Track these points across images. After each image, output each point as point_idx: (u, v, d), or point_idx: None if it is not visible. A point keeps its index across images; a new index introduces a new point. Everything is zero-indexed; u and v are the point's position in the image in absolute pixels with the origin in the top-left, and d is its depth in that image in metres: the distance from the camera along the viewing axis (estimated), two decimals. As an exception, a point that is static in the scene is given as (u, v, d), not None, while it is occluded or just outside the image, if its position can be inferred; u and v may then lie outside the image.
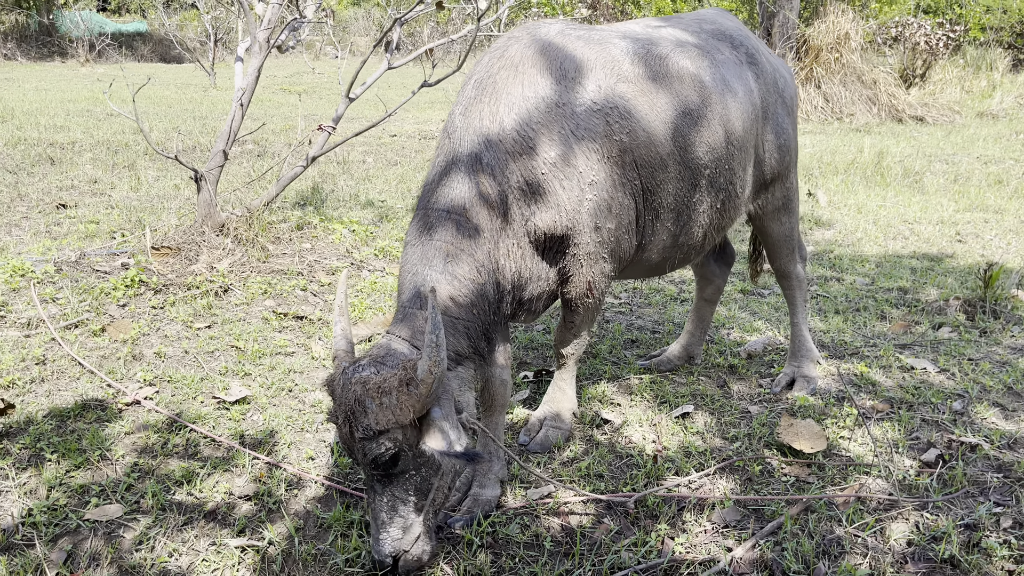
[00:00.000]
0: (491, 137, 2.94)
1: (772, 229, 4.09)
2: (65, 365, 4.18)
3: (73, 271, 5.38)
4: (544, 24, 3.29)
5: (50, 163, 9.55)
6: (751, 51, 3.74)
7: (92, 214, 7.18)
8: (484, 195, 2.89)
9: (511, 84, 3.02)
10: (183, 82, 22.46)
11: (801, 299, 4.29)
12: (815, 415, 3.84)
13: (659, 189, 3.28)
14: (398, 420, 2.46)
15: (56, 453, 3.37)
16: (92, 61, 28.36)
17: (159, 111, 15.03)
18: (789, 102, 3.93)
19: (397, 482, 2.57)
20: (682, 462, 3.44)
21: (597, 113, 3.07)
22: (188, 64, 28.29)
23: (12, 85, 18.97)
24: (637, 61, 3.27)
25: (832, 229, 7.79)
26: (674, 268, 3.75)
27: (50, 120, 12.86)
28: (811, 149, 12.34)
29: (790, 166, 3.97)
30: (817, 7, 17.91)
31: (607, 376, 4.32)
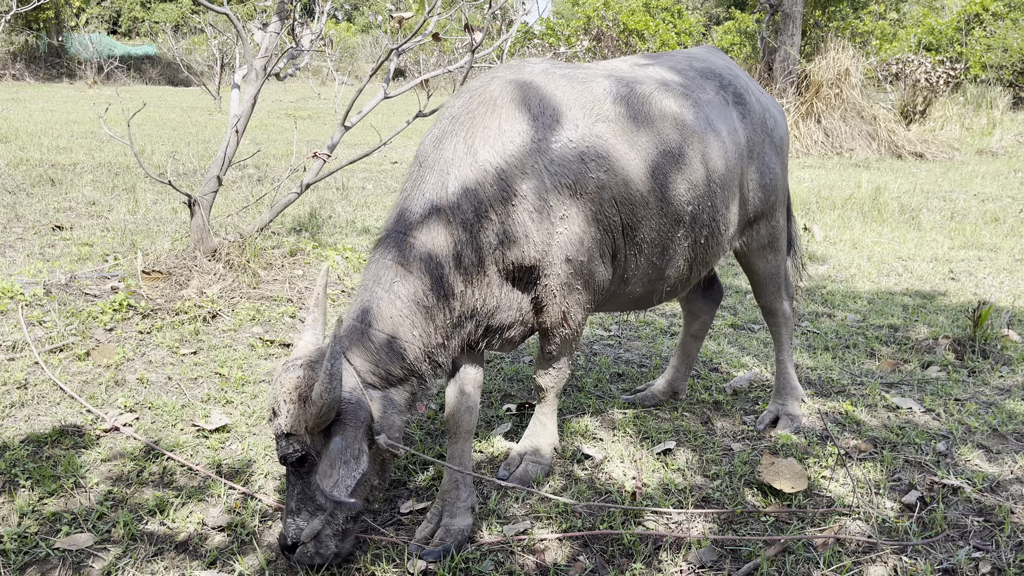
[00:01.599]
0: (462, 167, 2.98)
1: (758, 266, 4.10)
2: (46, 389, 4.17)
3: (62, 294, 5.39)
4: (528, 63, 3.33)
5: (50, 184, 9.61)
6: (739, 90, 3.75)
7: (87, 236, 7.21)
8: (446, 222, 2.93)
9: (488, 119, 3.06)
10: (189, 105, 22.67)
11: (787, 336, 4.28)
12: (797, 454, 3.81)
13: (640, 225, 3.30)
14: (295, 429, 2.65)
15: (30, 480, 3.35)
16: (100, 83, 28.65)
17: (163, 134, 15.16)
18: (778, 142, 3.94)
19: (306, 480, 2.73)
20: (661, 499, 3.41)
21: (573, 151, 3.10)
22: (195, 87, 28.58)
23: (19, 106, 19.15)
24: (619, 100, 3.30)
25: (826, 264, 7.79)
26: (660, 301, 3.76)
27: (53, 141, 12.97)
28: (809, 183, 12.39)
29: (776, 204, 3.97)
30: (818, 43, 18.12)
31: (591, 410, 4.30)
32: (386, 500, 3.37)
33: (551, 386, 3.54)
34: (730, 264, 7.73)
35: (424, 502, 3.35)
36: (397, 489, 3.46)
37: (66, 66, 31.70)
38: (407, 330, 2.88)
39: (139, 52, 34.90)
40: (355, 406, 2.77)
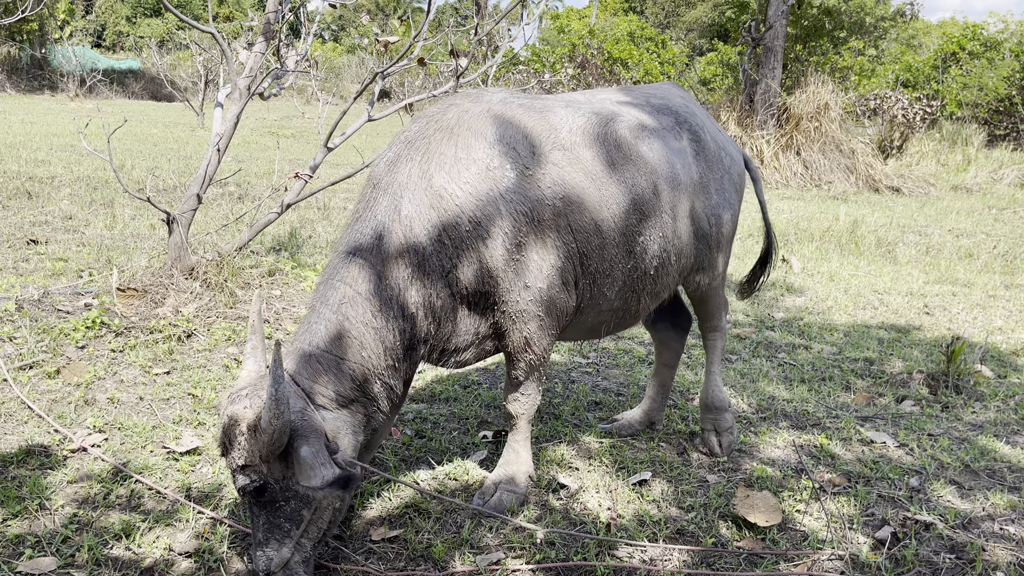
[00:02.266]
0: (416, 191, 3.02)
1: (710, 296, 4.15)
2: (14, 408, 4.09)
3: (34, 310, 5.31)
4: (487, 92, 3.38)
5: (27, 197, 9.50)
6: (694, 127, 3.81)
7: (62, 251, 7.12)
8: (397, 244, 2.96)
9: (444, 145, 3.10)
10: (172, 121, 22.57)
11: (721, 347, 4.33)
12: (772, 487, 3.81)
13: (593, 254, 3.34)
14: (249, 459, 2.63)
15: None
16: (82, 96, 28.48)
17: (144, 149, 15.06)
18: (736, 179, 4.00)
19: (269, 509, 2.71)
20: (635, 531, 3.39)
21: (530, 179, 3.14)
22: (178, 103, 28.45)
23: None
24: (576, 130, 3.35)
25: (803, 296, 7.86)
26: (609, 333, 3.80)
27: (32, 154, 12.84)
28: (788, 215, 12.53)
29: (731, 238, 4.06)
30: (799, 77, 18.40)
31: (567, 439, 4.28)
32: (359, 527, 3.32)
33: (521, 412, 3.52)
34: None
35: (396, 529, 3.31)
36: (369, 516, 3.42)
37: (48, 78, 31.50)
38: (356, 352, 2.90)
39: (123, 66, 34.77)
40: (308, 426, 2.75)
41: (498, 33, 9.99)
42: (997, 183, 17.55)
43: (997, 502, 3.74)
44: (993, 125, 24.76)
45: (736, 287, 4.82)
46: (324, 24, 50.66)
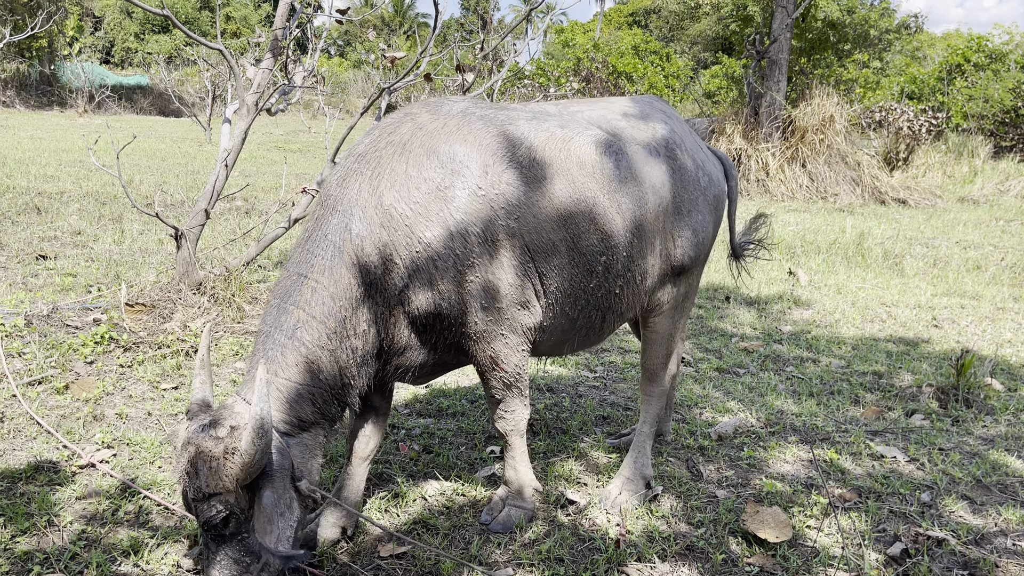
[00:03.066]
0: (367, 210, 2.92)
1: (658, 325, 3.83)
2: (23, 423, 4.10)
3: (43, 325, 5.32)
4: (447, 102, 3.25)
5: (36, 212, 9.55)
6: (670, 144, 3.62)
7: (71, 266, 7.16)
8: (348, 264, 2.88)
9: (395, 162, 3.00)
10: (179, 136, 22.71)
11: (655, 411, 3.90)
12: (782, 503, 3.79)
13: (553, 274, 3.22)
14: (222, 487, 2.54)
15: (3, 517, 3.27)
16: (91, 112, 28.69)
17: (152, 164, 15.15)
18: (713, 200, 3.79)
19: (230, 543, 2.62)
20: (645, 547, 3.37)
21: (482, 199, 3.02)
22: (186, 118, 28.66)
23: (7, 132, 19.12)
24: (535, 147, 3.21)
25: (811, 309, 7.83)
26: (573, 351, 3.67)
27: (41, 169, 12.92)
28: (795, 227, 12.52)
29: (701, 261, 3.85)
30: (804, 90, 18.42)
31: (575, 453, 4.27)
32: (367, 544, 3.31)
33: (510, 429, 3.43)
34: (715, 307, 7.77)
35: (404, 545, 3.30)
36: (377, 532, 3.41)
37: (57, 94, 31.75)
38: (314, 376, 2.83)
39: (131, 82, 35.03)
40: (277, 454, 2.71)
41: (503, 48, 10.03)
42: (1004, 195, 17.52)
43: (1010, 517, 3.71)
44: (999, 136, 24.74)
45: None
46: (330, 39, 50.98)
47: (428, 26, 58.87)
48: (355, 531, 3.38)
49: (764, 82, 17.96)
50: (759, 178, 17.28)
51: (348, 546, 3.29)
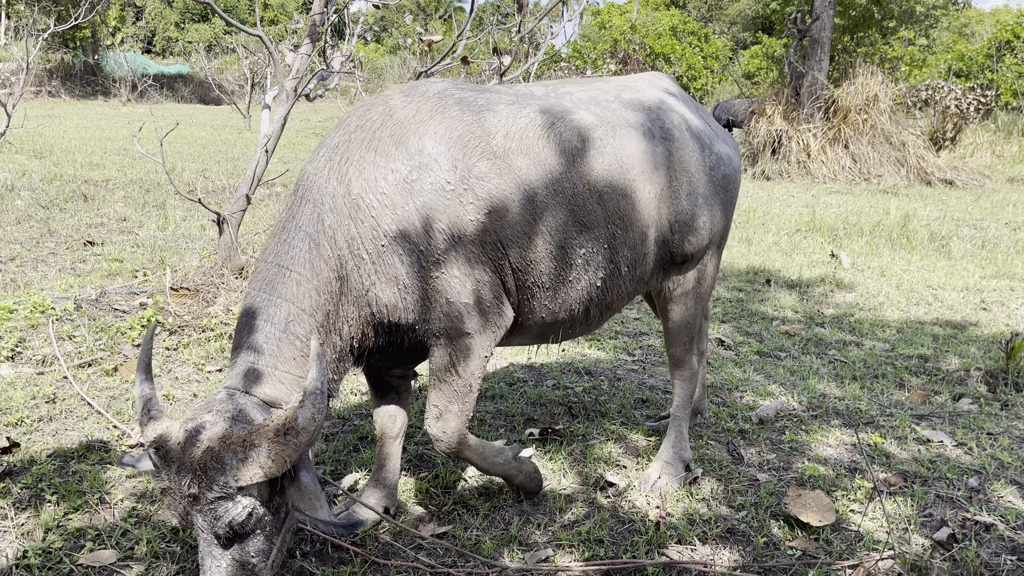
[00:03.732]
0: (336, 199, 2.81)
1: (674, 312, 3.73)
2: (74, 404, 4.21)
3: (92, 309, 5.45)
4: (423, 85, 3.11)
5: (83, 200, 9.77)
6: (667, 126, 3.42)
7: (117, 252, 7.31)
8: (325, 258, 2.78)
9: (364, 150, 2.87)
10: (220, 123, 23.01)
11: (687, 394, 3.87)
12: (825, 486, 3.75)
13: (530, 268, 3.07)
14: (267, 474, 2.35)
15: (56, 495, 3.37)
16: (133, 101, 29.18)
17: (193, 152, 15.38)
18: (720, 181, 3.60)
19: (240, 544, 2.45)
20: (685, 530, 3.36)
21: (449, 194, 2.87)
22: (225, 106, 29.01)
23: (54, 122, 19.54)
24: (511, 135, 3.04)
25: (853, 292, 7.70)
26: (560, 340, 3.49)
27: (87, 158, 13.20)
28: (837, 210, 12.30)
29: (709, 248, 3.65)
30: (846, 68, 18.02)
31: (614, 436, 4.26)
32: (409, 524, 3.35)
33: (454, 446, 3.13)
34: (755, 290, 7.68)
35: (444, 526, 3.33)
36: (418, 513, 3.44)
37: (101, 84, 32.34)
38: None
39: (172, 71, 35.56)
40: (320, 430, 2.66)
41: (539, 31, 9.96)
42: (1056, 174, 16.99)
43: (1061, 503, 3.63)
44: (1051, 115, 23.95)
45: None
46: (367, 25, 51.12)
47: (464, 10, 58.68)
48: (397, 510, 3.42)
49: (805, 61, 17.62)
50: (800, 160, 17.00)
51: (390, 525, 3.33)
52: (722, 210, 3.64)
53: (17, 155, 12.85)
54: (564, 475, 3.83)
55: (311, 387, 2.40)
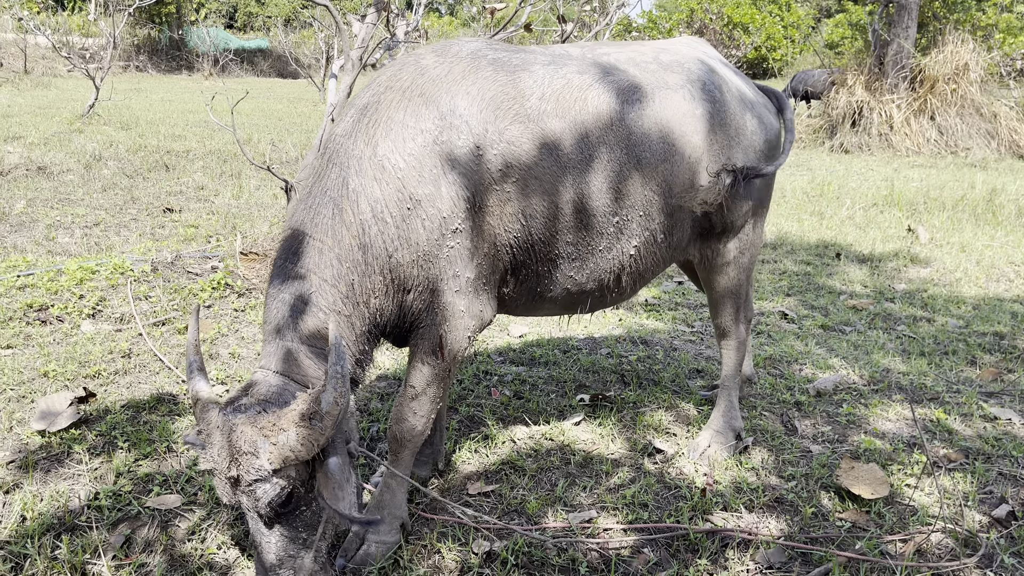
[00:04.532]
0: (362, 162, 2.69)
1: (717, 282, 3.62)
2: (147, 360, 4.43)
3: (167, 272, 5.70)
4: (457, 44, 2.99)
5: (164, 169, 10.16)
6: (708, 88, 3.28)
7: (194, 218, 7.60)
8: (348, 223, 2.66)
9: (394, 110, 2.75)
10: (296, 96, 23.51)
11: (736, 362, 3.80)
12: (880, 460, 3.67)
13: (555, 239, 2.95)
14: (297, 457, 2.33)
15: (127, 442, 3.57)
16: (215, 75, 30.02)
17: (269, 124, 15.78)
18: (764, 146, 3.44)
19: (286, 521, 2.44)
20: (732, 498, 3.35)
21: (477, 159, 2.75)
22: (302, 79, 29.59)
23: (140, 95, 20.31)
24: (547, 97, 2.91)
25: (929, 267, 7.42)
26: (589, 311, 3.39)
27: (170, 129, 13.70)
28: (918, 183, 11.84)
29: (748, 217, 3.51)
30: (935, 36, 17.20)
31: (666, 404, 4.25)
32: (456, 481, 3.43)
33: (408, 439, 2.96)
34: (824, 264, 7.48)
35: (492, 484, 3.40)
36: (466, 471, 3.52)
37: (185, 58, 33.38)
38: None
39: (252, 46, 36.40)
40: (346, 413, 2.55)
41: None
42: None
43: None
44: None
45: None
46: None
47: (538, -18, 58.01)
48: (446, 466, 3.51)
49: (891, 29, 16.87)
50: (882, 132, 16.36)
51: (439, 482, 3.42)
52: (764, 178, 3.50)
53: (105, 127, 13.42)
54: (612, 440, 3.85)
55: (331, 371, 2.34)
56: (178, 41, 34.09)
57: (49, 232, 6.78)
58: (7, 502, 3.11)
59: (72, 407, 3.72)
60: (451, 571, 2.86)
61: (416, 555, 2.93)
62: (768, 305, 6.18)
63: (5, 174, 8.94)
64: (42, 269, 5.56)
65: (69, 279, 5.35)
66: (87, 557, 2.81)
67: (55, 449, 3.49)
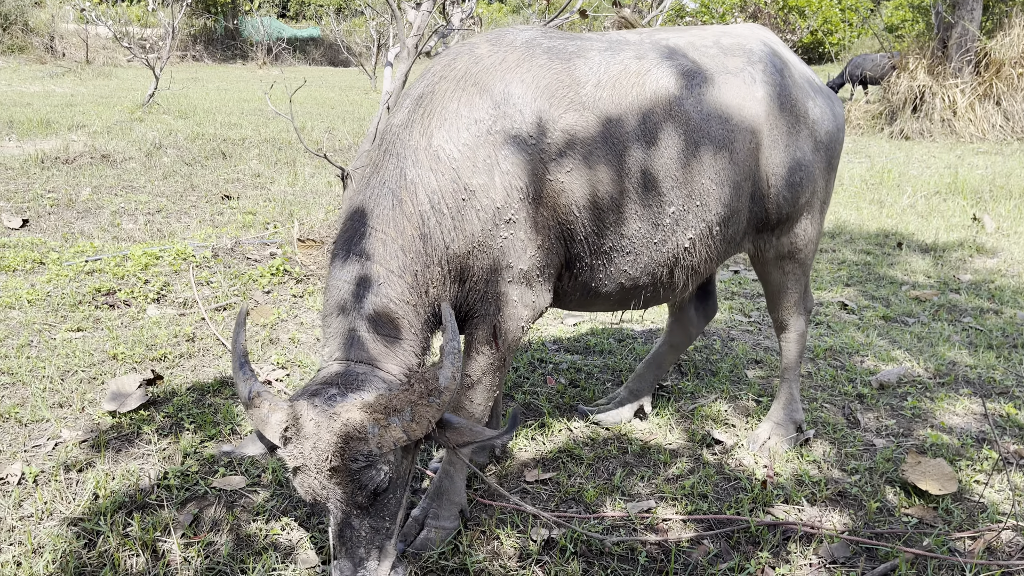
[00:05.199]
0: (418, 152, 2.68)
1: (772, 276, 3.54)
2: (210, 344, 4.54)
3: (228, 257, 5.82)
4: (511, 32, 2.94)
5: (222, 157, 10.35)
6: (770, 71, 3.19)
7: (251, 205, 7.74)
8: (407, 214, 2.65)
9: (448, 99, 2.73)
10: (347, 85, 23.73)
11: (796, 354, 3.70)
12: (948, 455, 3.58)
13: (608, 231, 2.90)
14: (411, 437, 2.32)
15: (194, 424, 3.66)
16: (268, 64, 30.45)
17: (322, 112, 15.96)
18: (822, 137, 3.33)
19: (374, 510, 2.40)
20: (793, 490, 3.30)
21: (532, 148, 2.72)
22: (353, 68, 29.84)
23: (197, 84, 20.70)
24: (603, 84, 2.85)
25: (996, 258, 7.19)
26: (640, 308, 3.31)
27: (226, 118, 13.94)
28: (983, 171, 11.47)
29: (806, 209, 3.38)
30: (1001, 19, 16.59)
31: (724, 395, 4.20)
32: (514, 469, 3.44)
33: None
34: (885, 253, 7.31)
35: (549, 472, 3.40)
36: (524, 458, 3.53)
37: (239, 48, 33.93)
38: (407, 331, 2.63)
39: (304, 34, 36.82)
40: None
41: (664, -17, 9.69)
42: None
43: None
44: None
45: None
46: (490, -15, 51.04)
47: (588, -33, 57.50)
48: (503, 453, 3.52)
49: (955, 11, 16.33)
50: (944, 117, 15.87)
51: (497, 468, 3.44)
52: (823, 169, 3.39)
53: (165, 115, 13.73)
54: (670, 430, 3.82)
55: (449, 347, 2.39)
56: (233, 30, 34.65)
57: (114, 218, 6.97)
58: (80, 480, 3.22)
59: (141, 389, 3.82)
60: (510, 557, 2.87)
61: (475, 541, 2.95)
62: (827, 295, 6.06)
63: (71, 162, 9.21)
64: (109, 254, 5.72)
65: (135, 264, 5.50)
66: (157, 534, 2.89)
67: (125, 430, 3.60)
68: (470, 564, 2.80)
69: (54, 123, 11.78)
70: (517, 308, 2.84)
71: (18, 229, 6.45)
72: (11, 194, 7.45)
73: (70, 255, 5.74)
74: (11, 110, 12.96)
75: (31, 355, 4.24)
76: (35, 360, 4.18)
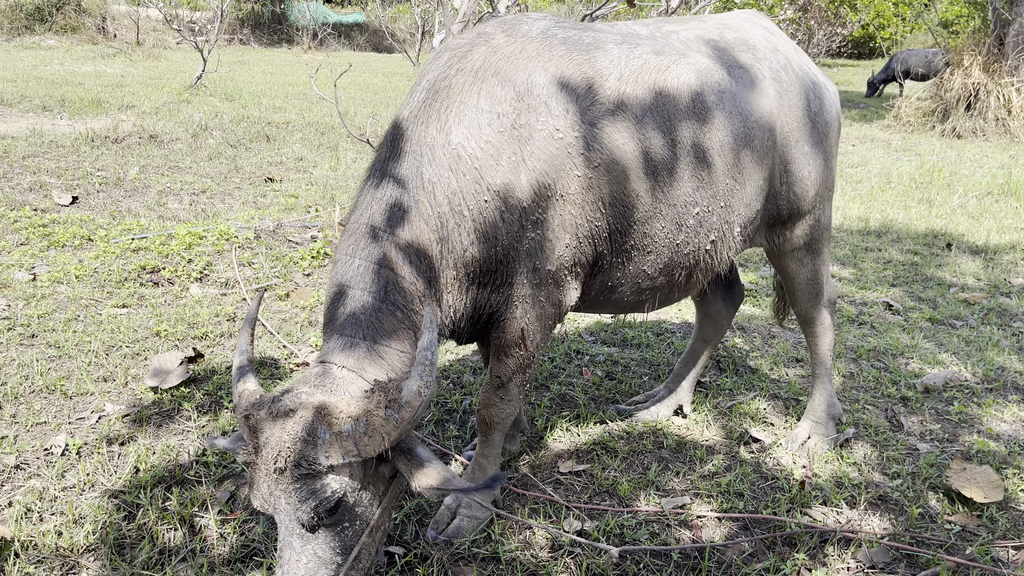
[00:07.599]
0: (435, 150, 2.51)
1: (791, 269, 3.48)
2: (251, 324, 4.59)
3: (269, 239, 5.88)
4: (526, 21, 2.79)
5: (266, 140, 10.46)
6: (775, 65, 3.14)
7: (293, 189, 7.81)
8: (425, 217, 2.48)
9: (466, 93, 2.57)
10: (391, 71, 23.82)
11: (826, 347, 3.65)
12: (995, 463, 3.48)
13: (632, 230, 2.79)
14: (361, 452, 2.08)
15: (232, 403, 3.71)
16: (314, 48, 30.69)
17: (365, 97, 16.04)
18: (823, 127, 3.28)
19: (321, 536, 2.15)
20: (832, 492, 3.24)
21: (558, 143, 2.59)
22: (397, 54, 29.94)
23: (243, 68, 20.94)
24: (627, 77, 2.75)
25: (1050, 261, 6.98)
26: (654, 308, 3.21)
27: (271, 101, 14.08)
28: (1038, 171, 11.12)
29: (818, 200, 3.33)
30: (1063, 14, 16.04)
31: (763, 393, 4.14)
32: (547, 459, 3.43)
33: (497, 421, 2.93)
34: (933, 254, 7.13)
35: (583, 464, 3.38)
36: (558, 449, 3.52)
37: (286, 32, 34.24)
38: (413, 343, 2.45)
39: (349, 20, 37.01)
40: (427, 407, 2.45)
41: (713, -26, 9.52)
42: None
43: None
44: None
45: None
46: (536, -27, 50.71)
47: (635, -44, 56.81)
48: (537, 443, 3.51)
49: (1013, 7, 15.84)
50: (999, 116, 15.42)
51: (529, 458, 3.43)
52: (824, 159, 3.32)
53: (211, 98, 13.90)
54: (707, 427, 3.78)
55: (420, 357, 2.15)
56: (279, 15, 34.97)
57: (160, 198, 7.08)
58: (122, 454, 3.28)
59: (182, 366, 3.88)
60: (541, 548, 2.86)
61: (507, 530, 2.94)
62: (872, 295, 5.93)
63: (120, 141, 9.37)
64: (154, 233, 5.82)
65: (179, 243, 5.58)
66: (195, 510, 2.93)
67: (166, 406, 3.66)
68: (502, 553, 2.80)
69: (104, 103, 12.00)
70: (545, 308, 2.76)
71: (68, 206, 6.59)
72: (62, 171, 7.61)
73: (117, 232, 5.84)
74: (63, 89, 13.23)
75: (77, 329, 4.33)
76: (81, 335, 4.26)
